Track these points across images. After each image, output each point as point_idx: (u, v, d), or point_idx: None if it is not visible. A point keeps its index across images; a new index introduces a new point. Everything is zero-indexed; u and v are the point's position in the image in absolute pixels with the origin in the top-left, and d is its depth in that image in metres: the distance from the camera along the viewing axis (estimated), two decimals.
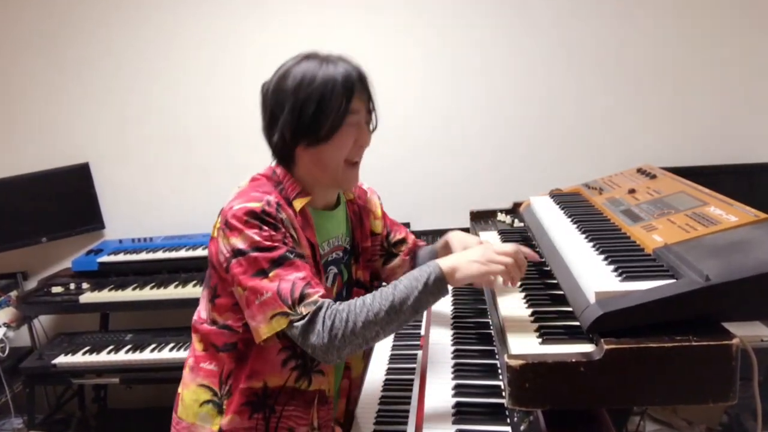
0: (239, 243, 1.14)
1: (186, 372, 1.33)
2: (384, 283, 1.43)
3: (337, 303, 1.14)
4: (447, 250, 1.46)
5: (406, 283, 1.14)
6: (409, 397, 1.39)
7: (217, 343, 1.26)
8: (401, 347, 1.68)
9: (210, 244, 1.25)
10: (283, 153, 1.26)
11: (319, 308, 1.12)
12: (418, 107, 2.80)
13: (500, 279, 1.20)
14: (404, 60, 2.77)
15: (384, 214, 1.52)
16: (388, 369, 1.59)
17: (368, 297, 1.14)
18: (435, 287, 1.14)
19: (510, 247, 1.20)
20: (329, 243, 1.33)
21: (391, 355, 1.65)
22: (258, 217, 1.15)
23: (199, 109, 2.89)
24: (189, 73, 2.88)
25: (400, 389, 1.46)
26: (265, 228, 1.15)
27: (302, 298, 1.12)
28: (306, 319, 1.11)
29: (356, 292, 1.42)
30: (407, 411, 1.34)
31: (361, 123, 1.25)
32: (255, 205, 1.15)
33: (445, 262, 1.16)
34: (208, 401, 1.27)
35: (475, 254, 1.18)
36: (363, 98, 1.24)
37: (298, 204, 1.24)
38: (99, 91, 2.93)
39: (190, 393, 1.30)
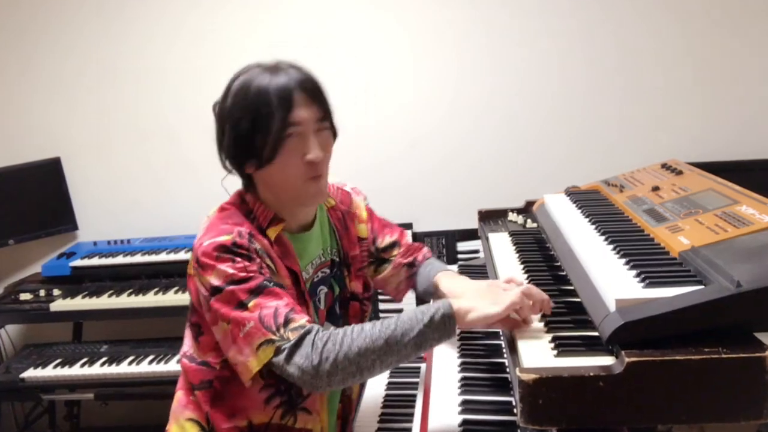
0: (214, 280, 1.17)
1: (175, 405, 1.35)
2: (378, 292, 1.44)
3: (331, 328, 1.15)
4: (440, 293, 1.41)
5: (410, 315, 1.14)
6: (412, 414, 1.39)
7: (194, 381, 1.29)
8: (399, 373, 1.67)
9: (188, 283, 1.27)
10: (240, 176, 1.28)
11: (308, 331, 1.13)
12: (419, 98, 2.80)
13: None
14: (407, 50, 2.77)
15: (371, 215, 1.51)
16: (389, 384, 1.59)
17: (367, 324, 1.14)
18: (442, 325, 1.13)
19: (516, 287, 1.19)
20: (312, 264, 1.34)
21: (388, 383, 1.64)
22: (229, 251, 1.17)
23: (183, 99, 2.89)
24: (172, 61, 2.88)
25: (402, 405, 1.46)
26: (238, 260, 1.17)
27: (287, 322, 1.13)
28: (293, 341, 1.12)
29: (352, 305, 1.42)
30: (409, 430, 1.35)
31: (307, 134, 1.21)
32: (225, 239, 1.17)
33: (458, 302, 1.16)
34: None
35: (485, 296, 1.17)
36: (308, 107, 1.21)
37: (273, 233, 1.25)
38: (72, 79, 2.93)
39: (181, 426, 1.32)
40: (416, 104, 2.81)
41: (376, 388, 1.56)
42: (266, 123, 1.18)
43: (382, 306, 2.62)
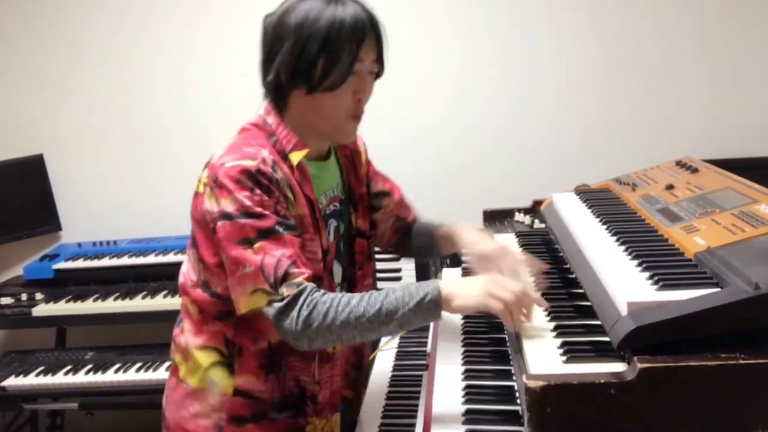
0: (228, 205, 1.19)
1: (182, 338, 1.37)
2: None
3: (320, 292, 1.19)
4: (450, 243, 1.50)
5: (398, 295, 1.19)
6: (413, 425, 1.39)
7: (211, 311, 1.32)
8: (403, 368, 1.68)
9: (194, 201, 1.29)
10: (276, 95, 1.29)
11: (301, 292, 1.18)
12: (420, 90, 2.81)
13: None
14: (408, 38, 2.77)
15: (368, 162, 1.56)
16: (389, 393, 1.59)
17: (356, 297, 1.19)
18: (428, 309, 1.18)
19: (517, 285, 1.22)
20: (326, 195, 1.38)
21: (392, 376, 1.65)
22: (252, 177, 1.19)
23: (174, 94, 2.89)
24: (163, 53, 2.88)
25: (403, 415, 1.46)
26: (258, 191, 1.19)
27: (285, 277, 1.18)
28: (285, 302, 1.17)
29: (359, 243, 1.47)
30: None
31: (364, 73, 1.28)
32: (250, 164, 1.20)
33: (446, 286, 1.20)
34: (216, 363, 1.32)
35: (478, 284, 1.21)
36: (372, 46, 1.27)
37: (295, 158, 1.28)
38: (56, 71, 2.93)
39: (193, 357, 1.34)
40: (416, 96, 2.81)
41: (375, 397, 1.56)
42: (336, 51, 1.22)
43: (381, 285, 2.62)
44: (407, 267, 2.64)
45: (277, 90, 1.28)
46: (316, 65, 1.22)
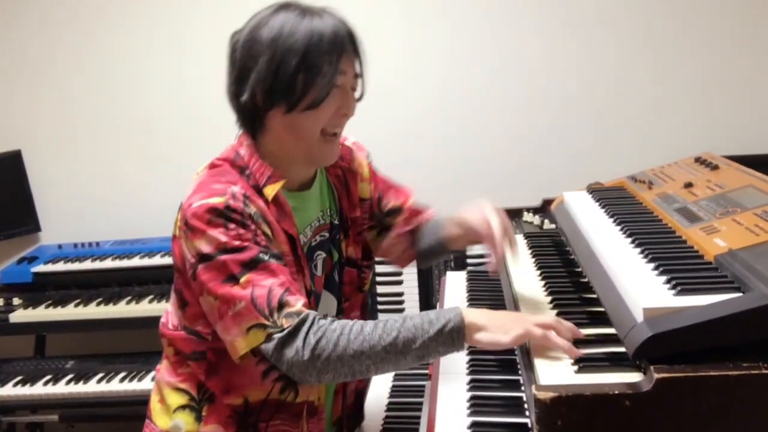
0: (203, 246, 1.18)
1: (158, 376, 1.38)
2: (380, 260, 1.51)
3: (328, 319, 1.17)
4: (459, 231, 1.44)
5: (417, 322, 1.15)
6: None
7: (185, 350, 1.31)
8: (404, 377, 1.68)
9: (173, 245, 1.29)
10: (252, 117, 1.27)
11: (303, 321, 1.15)
12: (424, 84, 2.80)
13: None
14: (410, 30, 2.77)
15: (374, 175, 1.52)
16: (389, 404, 1.59)
17: (369, 324, 1.16)
18: (449, 339, 1.14)
19: (550, 318, 1.18)
20: (311, 227, 1.36)
21: (393, 386, 1.65)
22: (221, 214, 1.17)
23: (159, 85, 2.89)
24: (148, 42, 2.88)
25: (404, 428, 1.46)
26: (231, 226, 1.17)
27: (281, 306, 1.15)
28: (286, 332, 1.14)
29: (348, 272, 1.44)
30: None
31: (347, 87, 1.27)
32: (217, 201, 1.18)
33: (471, 314, 1.17)
34: (184, 406, 1.31)
35: (509, 317, 1.19)
36: (352, 60, 1.27)
37: (270, 191, 1.26)
38: (34, 62, 2.93)
39: (164, 397, 1.34)
40: (420, 91, 2.81)
41: (375, 409, 1.56)
42: (316, 65, 1.20)
43: (380, 289, 2.63)
44: (408, 270, 2.64)
45: (252, 111, 1.26)
46: (296, 81, 1.21)
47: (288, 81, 1.21)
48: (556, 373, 1.05)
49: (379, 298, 2.64)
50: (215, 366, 1.27)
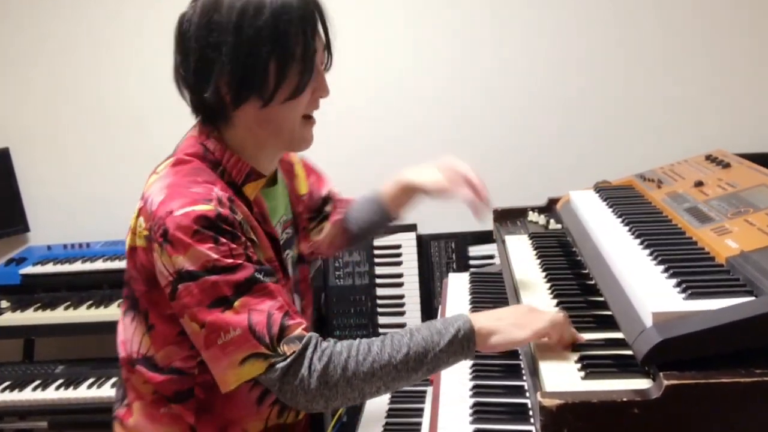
0: (186, 263, 1.06)
1: (131, 420, 1.23)
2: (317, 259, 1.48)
3: (331, 341, 1.11)
4: (400, 194, 1.45)
5: (425, 335, 1.11)
6: None
7: (166, 392, 1.19)
8: None
9: (129, 255, 1.17)
10: (216, 114, 1.16)
11: (306, 346, 1.08)
12: (427, 79, 2.80)
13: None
14: (413, 24, 2.77)
15: (307, 165, 1.49)
16: (389, 411, 1.59)
17: (376, 342, 1.11)
18: (460, 348, 1.11)
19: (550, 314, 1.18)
20: (280, 222, 1.31)
21: (392, 393, 1.64)
22: (213, 226, 1.06)
23: (151, 80, 2.89)
24: (136, 37, 2.87)
25: None
26: (223, 240, 1.06)
27: (282, 332, 1.08)
28: (290, 359, 1.07)
29: (301, 270, 1.38)
30: None
31: (320, 67, 1.19)
32: (205, 209, 1.07)
33: (478, 319, 1.14)
34: None
35: (516, 313, 1.17)
36: (319, 32, 1.17)
37: (251, 190, 1.19)
38: (21, 57, 2.93)
39: None
40: (423, 86, 2.80)
41: (374, 415, 1.56)
42: (289, 48, 1.10)
43: (381, 292, 2.64)
44: (409, 273, 2.65)
45: (218, 108, 1.14)
46: (268, 70, 1.10)
47: (260, 71, 1.10)
48: (562, 379, 1.05)
49: (380, 301, 2.64)
50: (206, 403, 1.18)
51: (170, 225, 1.07)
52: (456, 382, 1.48)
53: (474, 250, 2.71)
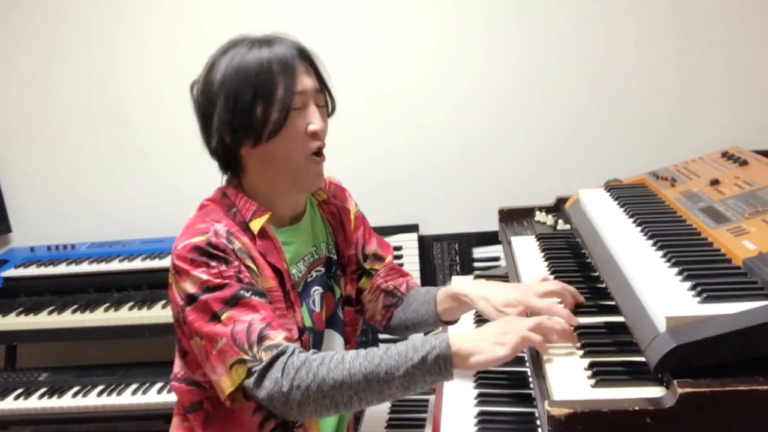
0: (189, 287, 1.26)
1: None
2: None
3: (311, 351, 1.23)
4: (455, 302, 1.48)
5: (401, 349, 1.19)
6: None
7: (185, 402, 1.38)
8: None
9: (169, 293, 1.35)
10: (228, 160, 1.38)
11: (282, 352, 1.20)
12: (431, 77, 2.80)
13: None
14: (416, 23, 2.77)
15: (362, 218, 1.60)
16: (389, 420, 1.59)
17: (351, 353, 1.21)
18: (435, 367, 1.17)
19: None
20: (304, 261, 1.43)
21: (393, 402, 1.65)
22: (204, 252, 1.26)
23: (138, 76, 2.89)
24: (124, 31, 2.87)
25: None
26: (213, 264, 1.26)
27: (261, 340, 1.21)
28: (264, 363, 1.19)
29: (347, 312, 1.51)
30: None
31: (308, 104, 1.34)
32: (199, 240, 1.27)
33: (457, 340, 1.19)
34: None
35: (496, 330, 1.21)
36: (309, 76, 1.35)
37: (256, 225, 1.34)
38: (3, 55, 2.92)
39: None
40: (426, 84, 2.80)
41: (374, 426, 1.56)
42: (269, 93, 1.29)
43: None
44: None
45: (226, 154, 1.36)
46: (254, 112, 1.30)
47: (247, 114, 1.30)
48: (571, 387, 1.05)
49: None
50: (212, 417, 1.34)
51: (175, 258, 1.29)
52: (460, 391, 1.48)
53: (478, 252, 2.71)
